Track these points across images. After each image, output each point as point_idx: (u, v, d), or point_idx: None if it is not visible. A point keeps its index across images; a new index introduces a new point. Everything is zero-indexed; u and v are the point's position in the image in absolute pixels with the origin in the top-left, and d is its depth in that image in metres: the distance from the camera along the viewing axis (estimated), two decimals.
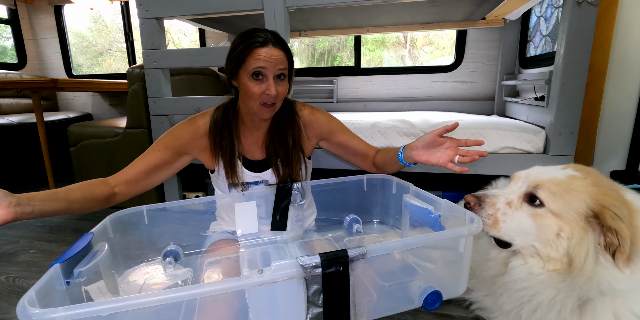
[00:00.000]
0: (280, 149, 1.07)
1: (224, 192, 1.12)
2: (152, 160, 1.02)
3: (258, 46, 0.92)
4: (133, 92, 1.88)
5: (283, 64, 0.95)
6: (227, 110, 1.07)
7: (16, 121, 2.58)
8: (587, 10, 1.28)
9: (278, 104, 1.00)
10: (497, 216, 0.83)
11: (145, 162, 1.02)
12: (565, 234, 0.76)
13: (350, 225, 1.20)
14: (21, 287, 1.22)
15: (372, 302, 0.77)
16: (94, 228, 0.87)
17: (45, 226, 1.78)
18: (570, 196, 0.77)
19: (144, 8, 1.68)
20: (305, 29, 2.66)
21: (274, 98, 0.95)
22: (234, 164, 1.05)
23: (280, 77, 0.96)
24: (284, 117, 1.08)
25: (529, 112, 1.83)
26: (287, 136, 1.07)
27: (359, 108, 2.73)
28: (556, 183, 0.79)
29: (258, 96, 0.94)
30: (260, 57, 0.92)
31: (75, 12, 3.47)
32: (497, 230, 0.83)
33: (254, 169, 1.09)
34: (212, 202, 1.12)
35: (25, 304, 0.54)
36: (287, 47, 0.98)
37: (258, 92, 0.94)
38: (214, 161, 1.07)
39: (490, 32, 2.45)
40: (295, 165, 1.09)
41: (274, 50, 0.93)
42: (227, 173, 1.05)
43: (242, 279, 0.61)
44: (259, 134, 1.09)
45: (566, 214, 0.76)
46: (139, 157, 1.03)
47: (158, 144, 1.04)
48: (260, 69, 0.92)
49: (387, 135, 1.61)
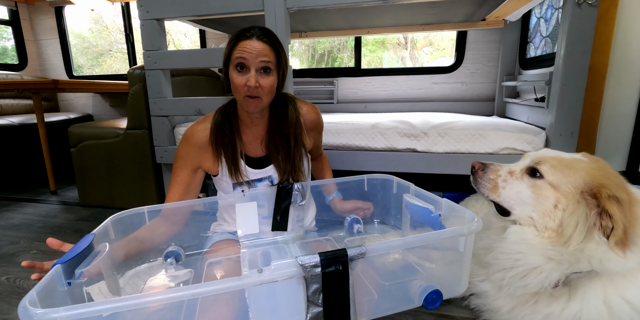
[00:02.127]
0: (281, 146, 1.07)
1: (228, 193, 1.12)
2: (178, 187, 1.09)
3: (243, 39, 0.96)
4: (134, 93, 1.88)
5: (267, 56, 0.95)
6: (228, 110, 1.08)
7: (17, 122, 2.58)
8: (587, 11, 1.28)
9: (265, 98, 0.99)
10: (497, 181, 0.89)
11: (176, 192, 1.09)
12: (561, 205, 0.80)
13: (351, 226, 1.20)
14: (22, 288, 1.22)
15: (373, 302, 0.77)
16: (96, 229, 0.87)
17: (46, 227, 1.78)
18: (570, 171, 0.81)
19: (144, 9, 1.68)
20: (305, 30, 2.67)
21: (256, 90, 0.96)
22: (236, 161, 1.06)
23: (266, 70, 0.97)
24: (283, 113, 1.09)
25: (529, 113, 1.84)
26: (290, 134, 1.08)
27: (359, 109, 2.74)
28: (559, 160, 0.84)
29: (241, 88, 0.96)
30: (242, 48, 0.95)
31: (75, 13, 3.48)
32: (497, 195, 0.89)
33: (255, 165, 1.09)
34: (213, 203, 1.12)
35: (27, 305, 0.54)
36: (275, 42, 0.98)
37: (241, 83, 0.96)
38: (218, 162, 1.08)
39: (491, 33, 2.46)
40: (298, 162, 1.10)
41: (257, 42, 0.95)
42: (231, 171, 1.06)
43: (242, 278, 0.61)
44: (258, 131, 1.10)
45: (564, 187, 0.81)
46: (170, 188, 1.10)
47: (175, 171, 1.10)
48: (241, 60, 0.95)
49: (387, 136, 1.62)
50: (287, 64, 1.05)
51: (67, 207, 2.11)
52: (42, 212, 2.01)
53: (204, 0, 1.60)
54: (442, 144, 1.56)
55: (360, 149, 1.67)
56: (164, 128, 1.82)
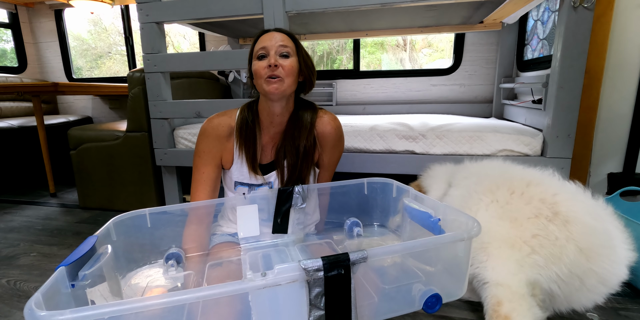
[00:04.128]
0: (289, 155, 1.08)
1: (230, 189, 1.14)
2: (206, 185, 1.09)
3: (263, 34, 1.03)
4: (133, 95, 1.89)
5: (284, 41, 1.00)
6: (252, 107, 1.11)
7: (16, 125, 2.59)
8: (583, 14, 1.29)
9: (286, 80, 0.99)
10: None
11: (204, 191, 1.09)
12: None
13: (350, 229, 1.21)
14: (22, 290, 1.22)
15: (373, 305, 0.78)
16: (98, 231, 0.87)
17: (46, 229, 1.78)
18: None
19: (144, 12, 1.69)
20: (304, 32, 2.68)
21: (276, 70, 0.97)
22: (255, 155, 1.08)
23: (284, 53, 1.00)
24: (301, 121, 1.08)
25: (527, 115, 1.85)
26: (300, 145, 1.07)
27: (358, 111, 2.75)
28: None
29: (262, 70, 0.98)
30: (262, 40, 1.01)
31: (75, 15, 3.48)
32: None
33: (262, 170, 1.11)
34: (213, 205, 1.13)
35: (33, 307, 0.55)
36: (294, 36, 1.04)
37: (261, 66, 0.99)
38: (233, 155, 1.09)
39: (488, 36, 2.47)
40: (306, 176, 1.10)
41: (276, 33, 1.01)
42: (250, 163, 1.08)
43: (245, 282, 0.62)
44: (275, 133, 1.10)
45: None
46: (196, 187, 1.09)
47: (198, 168, 1.09)
48: (262, 50, 1.00)
49: (386, 138, 1.63)
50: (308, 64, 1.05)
51: (67, 209, 2.11)
52: (42, 215, 2.01)
53: (203, 3, 1.61)
54: (440, 145, 1.57)
55: (359, 151, 1.68)
56: (163, 130, 1.82)
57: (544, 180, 1.04)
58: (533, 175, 1.08)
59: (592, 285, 0.90)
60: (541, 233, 0.92)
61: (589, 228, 0.91)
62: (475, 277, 0.94)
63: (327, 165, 1.17)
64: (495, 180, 1.08)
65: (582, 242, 0.90)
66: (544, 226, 0.93)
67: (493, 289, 0.88)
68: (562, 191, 0.99)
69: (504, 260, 0.91)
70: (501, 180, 1.07)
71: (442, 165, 1.38)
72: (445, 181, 1.27)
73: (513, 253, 0.92)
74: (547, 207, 0.96)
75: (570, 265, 0.89)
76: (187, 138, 1.85)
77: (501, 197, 1.03)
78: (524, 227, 0.95)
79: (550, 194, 0.98)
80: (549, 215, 0.94)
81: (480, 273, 0.93)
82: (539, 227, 0.93)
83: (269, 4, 1.52)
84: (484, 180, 1.11)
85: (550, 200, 0.97)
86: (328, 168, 1.18)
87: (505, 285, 0.87)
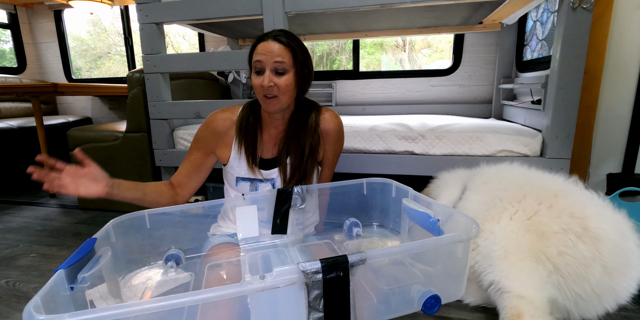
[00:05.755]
0: (294, 154, 1.08)
1: (232, 186, 1.14)
2: (189, 165, 1.13)
3: (260, 42, 0.98)
4: (133, 96, 1.89)
5: (281, 56, 0.96)
6: (254, 106, 1.12)
7: (16, 125, 2.58)
8: (582, 15, 1.30)
9: (283, 97, 0.99)
10: None
11: (186, 168, 1.13)
12: None
13: (350, 229, 1.21)
14: (21, 291, 1.22)
15: (372, 306, 0.78)
16: (97, 233, 0.87)
17: (45, 230, 1.78)
18: None
19: (144, 13, 1.69)
20: (304, 33, 2.68)
21: (271, 90, 0.97)
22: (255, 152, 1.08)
23: (280, 71, 0.97)
24: (304, 121, 1.09)
25: (526, 116, 1.85)
26: (305, 144, 1.07)
27: (357, 111, 2.75)
28: None
29: (259, 89, 0.99)
30: (258, 51, 0.97)
31: (74, 16, 3.48)
32: None
33: (263, 166, 1.11)
34: (212, 206, 1.13)
35: (31, 310, 0.55)
36: (292, 43, 0.98)
37: (258, 84, 0.98)
38: (231, 151, 1.10)
39: (488, 36, 2.47)
40: (310, 175, 1.11)
41: (273, 43, 0.96)
42: (249, 160, 1.08)
43: (244, 284, 0.62)
44: (275, 132, 1.11)
45: None
46: (181, 164, 1.14)
47: (190, 151, 1.14)
48: (257, 62, 0.98)
49: (385, 139, 1.63)
50: (308, 65, 1.03)
51: (66, 210, 2.11)
52: (41, 216, 2.01)
53: (202, 4, 1.61)
54: (439, 146, 1.57)
55: (359, 152, 1.68)
56: (163, 131, 1.82)
57: (571, 191, 1.01)
58: (558, 183, 1.04)
59: (607, 302, 0.89)
60: (568, 251, 0.89)
61: (617, 247, 0.88)
62: (493, 283, 0.92)
63: (330, 162, 1.19)
64: (521, 188, 1.05)
65: (608, 261, 0.87)
66: (572, 244, 0.89)
67: (514, 300, 0.86)
68: (590, 204, 0.96)
69: (529, 273, 0.89)
70: (527, 189, 1.04)
71: (452, 172, 1.35)
72: (458, 186, 1.24)
73: (538, 268, 0.90)
74: (576, 223, 0.92)
75: (594, 285, 0.87)
76: (186, 139, 1.85)
77: (528, 208, 0.99)
78: (551, 242, 0.91)
79: (579, 208, 0.94)
80: (579, 231, 0.90)
81: (500, 281, 0.90)
82: (567, 244, 0.90)
83: (269, 4, 1.52)
84: (507, 187, 1.08)
85: (580, 214, 0.93)
86: (330, 165, 1.20)
87: (527, 299, 0.85)
